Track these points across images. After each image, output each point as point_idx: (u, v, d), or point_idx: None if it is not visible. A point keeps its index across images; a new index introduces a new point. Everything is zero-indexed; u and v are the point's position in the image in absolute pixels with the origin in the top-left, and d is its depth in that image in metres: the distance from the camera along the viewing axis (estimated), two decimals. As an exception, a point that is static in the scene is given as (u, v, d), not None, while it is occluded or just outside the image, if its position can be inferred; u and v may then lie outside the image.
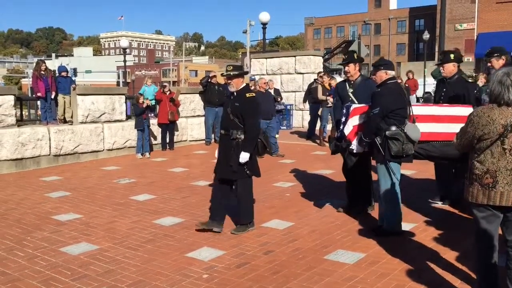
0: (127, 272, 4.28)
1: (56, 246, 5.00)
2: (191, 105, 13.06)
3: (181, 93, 12.52)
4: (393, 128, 4.81)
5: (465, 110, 5.50)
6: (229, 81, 5.22)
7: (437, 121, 5.40)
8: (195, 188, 7.62)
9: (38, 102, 11.13)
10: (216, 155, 5.41)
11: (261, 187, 6.84)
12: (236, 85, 5.21)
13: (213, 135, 12.53)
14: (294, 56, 15.97)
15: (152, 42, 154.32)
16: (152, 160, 10.49)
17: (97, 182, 8.18)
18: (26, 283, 4.07)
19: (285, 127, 15.67)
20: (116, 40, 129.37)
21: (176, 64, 73.98)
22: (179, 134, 12.56)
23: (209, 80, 12.50)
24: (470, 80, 6.22)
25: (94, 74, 55.47)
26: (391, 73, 5.03)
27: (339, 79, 26.75)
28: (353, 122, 5.30)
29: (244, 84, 5.33)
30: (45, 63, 11.43)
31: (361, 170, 5.71)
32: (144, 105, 10.63)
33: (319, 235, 5.18)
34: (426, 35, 36.31)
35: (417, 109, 5.25)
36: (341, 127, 5.47)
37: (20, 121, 10.10)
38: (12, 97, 9.35)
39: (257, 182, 5.76)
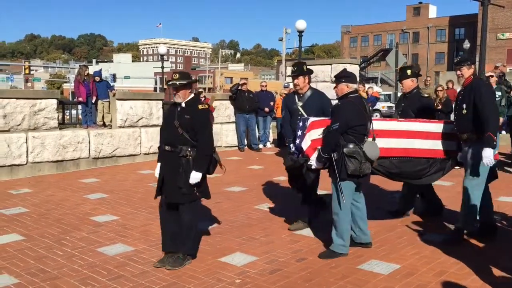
0: (161, 274, 4.35)
1: (94, 246, 5.13)
2: (226, 111, 13.18)
3: (216, 100, 12.68)
4: (351, 145, 4.59)
5: (424, 126, 5.43)
6: (174, 92, 4.53)
7: (396, 137, 5.23)
8: (228, 193, 7.67)
9: (79, 106, 11.46)
10: (157, 174, 4.68)
11: (293, 194, 6.84)
12: (183, 96, 4.51)
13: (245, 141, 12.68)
14: (330, 64, 15.86)
15: (189, 49, 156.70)
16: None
17: (133, 185, 8.35)
18: (65, 281, 4.19)
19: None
20: (154, 47, 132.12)
21: (212, 71, 74.86)
22: (213, 139, 12.68)
23: (239, 87, 12.64)
24: (425, 95, 6.20)
25: (132, 80, 56.74)
26: (353, 86, 4.77)
27: (375, 88, 26.48)
28: (311, 136, 4.99)
29: (193, 95, 4.62)
30: (88, 68, 11.78)
31: (307, 183, 5.48)
32: None
33: (352, 244, 5.11)
34: (466, 44, 35.52)
35: (377, 124, 4.97)
36: (297, 141, 5.13)
37: (62, 124, 10.42)
38: (55, 101, 9.68)
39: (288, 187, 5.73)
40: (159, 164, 4.68)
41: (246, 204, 6.96)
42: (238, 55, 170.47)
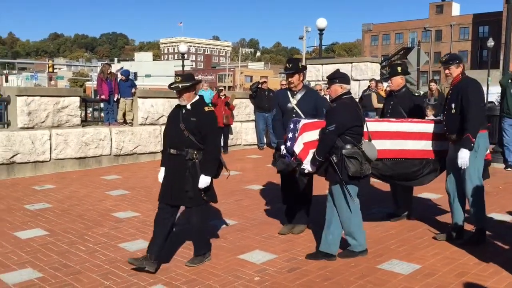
0: (181, 270, 4.39)
1: (115, 242, 5.21)
2: (246, 109, 13.21)
3: (236, 98, 12.72)
4: (350, 146, 4.47)
5: (417, 126, 5.32)
6: (178, 95, 4.42)
7: (389, 138, 5.12)
8: (248, 191, 7.70)
9: (101, 104, 11.61)
10: (160, 178, 4.57)
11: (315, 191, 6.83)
12: (187, 98, 4.40)
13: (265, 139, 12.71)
14: (351, 63, 15.77)
15: (209, 48, 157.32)
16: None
17: (154, 182, 8.39)
18: (87, 276, 4.27)
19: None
20: (175, 46, 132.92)
21: (232, 69, 75.05)
22: (233, 138, 12.73)
23: (259, 86, 12.66)
24: (416, 94, 6.06)
25: (153, 78, 57.28)
26: (347, 87, 4.64)
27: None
28: (304, 139, 4.81)
29: (198, 97, 4.52)
30: (110, 66, 11.93)
31: (299, 188, 5.40)
32: None
33: (372, 244, 5.08)
34: (490, 43, 34.85)
35: (369, 125, 4.84)
36: (288, 143, 4.95)
37: (84, 122, 10.59)
38: (77, 99, 9.84)
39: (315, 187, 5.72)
40: (162, 168, 4.55)
41: (265, 202, 6.98)
42: (258, 53, 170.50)
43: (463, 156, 4.70)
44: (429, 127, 5.33)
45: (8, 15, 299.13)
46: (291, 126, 4.98)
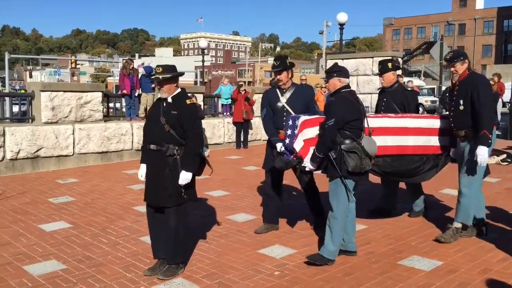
0: (201, 264, 4.43)
1: (136, 235, 5.27)
2: (266, 105, 13.19)
3: (256, 93, 12.71)
4: (349, 141, 4.32)
5: (417, 122, 5.19)
6: (158, 87, 4.20)
7: (390, 134, 4.99)
8: (268, 186, 7.69)
9: (123, 99, 11.75)
10: (142, 177, 4.33)
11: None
12: (168, 91, 4.15)
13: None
14: (372, 57, 15.64)
15: (229, 43, 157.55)
16: (226, 158, 10.73)
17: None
18: (109, 268, 4.33)
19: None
20: (195, 41, 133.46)
21: (251, 64, 75.00)
22: (253, 133, 12.75)
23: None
24: (409, 89, 5.92)
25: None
26: (346, 80, 4.50)
27: (417, 82, 25.75)
28: (304, 136, 4.64)
29: (180, 89, 4.25)
30: (133, 62, 12.06)
31: (304, 186, 5.37)
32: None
33: (393, 240, 5.05)
34: (516, 36, 34.06)
35: (369, 122, 4.68)
36: (287, 140, 4.81)
37: (106, 117, 10.73)
38: (100, 94, 9.97)
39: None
40: (143, 165, 4.31)
41: (285, 197, 6.97)
42: (278, 48, 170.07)
43: (482, 153, 4.61)
44: (429, 123, 5.24)
45: (32, 12, 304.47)
46: (290, 122, 4.82)
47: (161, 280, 4.05)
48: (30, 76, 68.70)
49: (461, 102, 4.80)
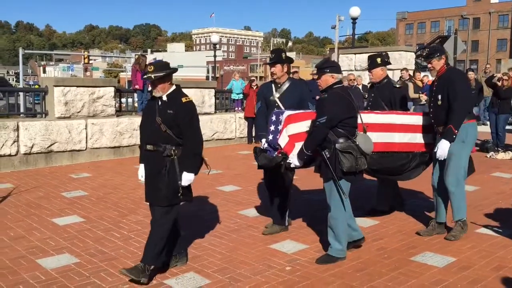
0: (213, 259, 4.44)
1: (148, 229, 5.20)
2: (278, 100, 13.16)
3: (268, 88, 12.67)
4: (343, 140, 4.17)
5: (403, 118, 5.10)
6: (152, 87, 4.02)
7: (376, 130, 4.87)
8: (279, 181, 7.68)
9: (135, 94, 11.80)
10: (141, 177, 4.21)
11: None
12: (162, 90, 3.98)
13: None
14: (385, 52, 15.50)
15: (241, 38, 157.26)
16: (238, 153, 10.74)
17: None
18: (121, 262, 4.36)
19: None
20: (207, 36, 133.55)
21: (263, 59, 74.75)
22: (265, 128, 12.72)
23: (290, 76, 12.55)
24: (397, 86, 5.79)
25: (185, 68, 57.62)
26: (338, 76, 4.34)
27: (431, 76, 25.59)
28: (289, 131, 4.50)
29: (175, 87, 4.08)
30: (146, 58, 12.11)
31: (285, 184, 5.13)
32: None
33: (405, 236, 5.02)
34: (531, 30, 33.53)
35: (364, 117, 4.58)
36: (270, 137, 4.67)
37: (119, 112, 10.78)
38: (112, 89, 10.02)
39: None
40: (141, 165, 4.19)
41: (297, 192, 6.95)
42: (290, 43, 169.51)
43: (443, 148, 4.65)
44: (415, 119, 5.17)
45: (46, 8, 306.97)
46: (273, 118, 4.69)
47: (173, 275, 4.07)
48: (44, 72, 69.44)
49: (439, 97, 4.81)
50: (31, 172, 8.39)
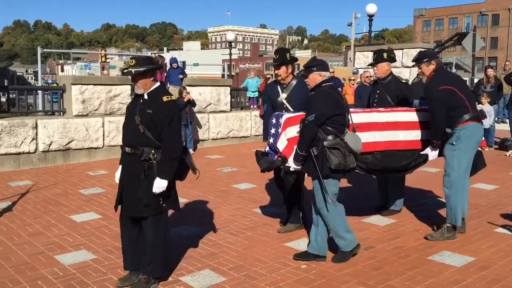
0: (229, 256, 4.45)
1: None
2: (293, 97, 13.13)
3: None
4: (332, 137, 4.11)
5: (407, 116, 4.98)
6: (133, 82, 3.74)
7: (380, 129, 4.78)
8: (295, 179, 7.66)
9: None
10: (117, 179, 3.95)
11: (366, 184, 6.70)
12: (143, 86, 3.69)
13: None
14: (402, 49, 15.34)
15: (256, 36, 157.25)
16: (254, 151, 10.70)
17: (202, 170, 8.46)
18: (138, 259, 4.38)
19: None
20: (222, 34, 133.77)
21: (279, 57, 74.55)
22: (280, 126, 12.70)
23: (304, 74, 12.52)
24: (403, 81, 5.67)
25: (201, 67, 57.92)
26: (326, 74, 4.29)
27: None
28: (288, 135, 4.46)
29: (158, 84, 3.80)
30: (164, 58, 12.22)
31: (295, 183, 5.07)
32: (185, 99, 10.14)
33: (423, 235, 4.96)
34: (552, 26, 32.89)
35: (358, 117, 4.55)
36: (271, 140, 4.63)
37: (135, 110, 10.83)
38: (128, 87, 10.07)
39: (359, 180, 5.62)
40: (120, 167, 3.93)
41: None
42: (306, 41, 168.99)
43: (428, 152, 4.82)
44: (419, 116, 5.04)
45: (64, 7, 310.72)
46: (273, 121, 4.64)
47: (189, 272, 4.08)
48: (62, 70, 70.16)
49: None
50: (49, 169, 8.50)
